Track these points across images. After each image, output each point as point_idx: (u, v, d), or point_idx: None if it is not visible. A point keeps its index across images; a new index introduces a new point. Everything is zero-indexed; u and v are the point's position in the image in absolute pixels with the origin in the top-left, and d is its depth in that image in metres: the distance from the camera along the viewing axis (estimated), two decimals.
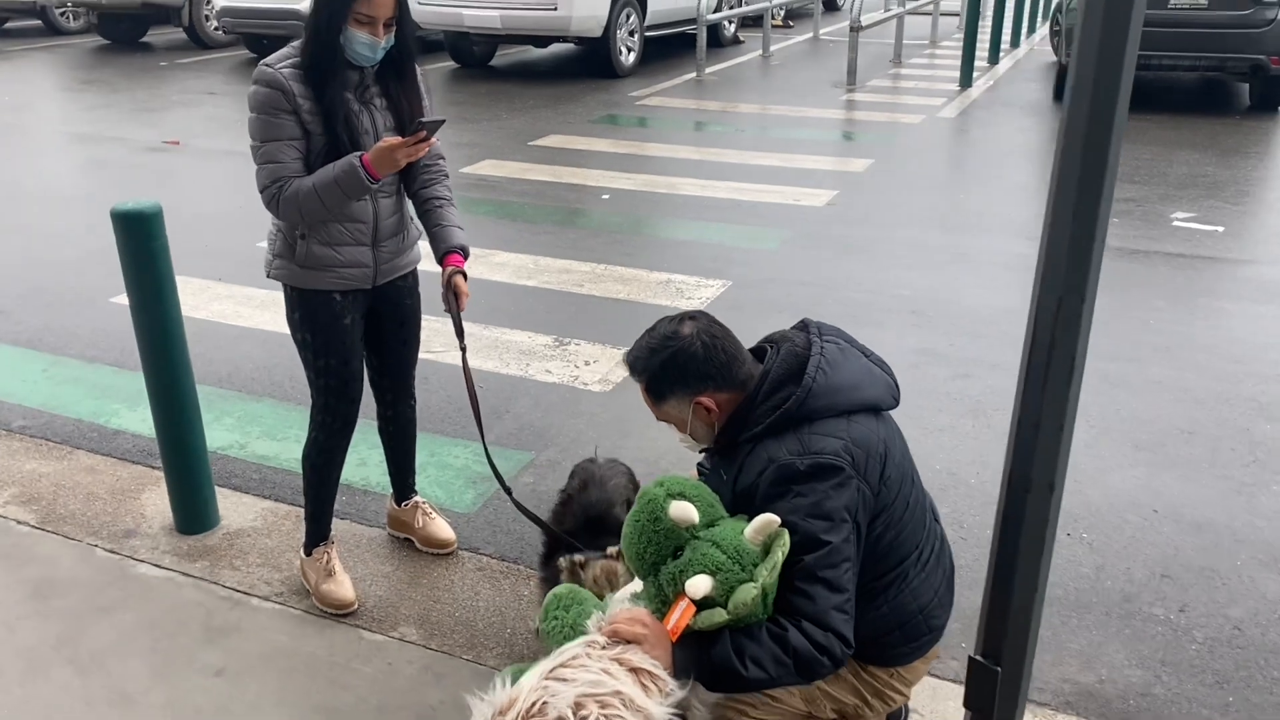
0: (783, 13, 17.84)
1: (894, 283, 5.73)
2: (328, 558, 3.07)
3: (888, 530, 2.09)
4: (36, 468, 3.79)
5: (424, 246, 3.00)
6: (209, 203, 7.20)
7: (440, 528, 3.32)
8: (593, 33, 11.93)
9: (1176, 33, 9.79)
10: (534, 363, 4.70)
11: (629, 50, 12.65)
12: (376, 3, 2.51)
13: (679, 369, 2.11)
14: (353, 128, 2.62)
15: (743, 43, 15.75)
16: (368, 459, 3.81)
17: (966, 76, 12.07)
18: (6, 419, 4.19)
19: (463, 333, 2.88)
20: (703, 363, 2.10)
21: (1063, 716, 2.67)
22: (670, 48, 14.32)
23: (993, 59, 13.92)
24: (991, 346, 4.86)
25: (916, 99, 11.43)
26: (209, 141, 9.15)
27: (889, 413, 2.20)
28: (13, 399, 4.37)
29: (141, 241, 3.02)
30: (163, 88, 11.77)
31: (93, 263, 5.93)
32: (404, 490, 3.34)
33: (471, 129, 9.60)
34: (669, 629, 1.93)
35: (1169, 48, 9.90)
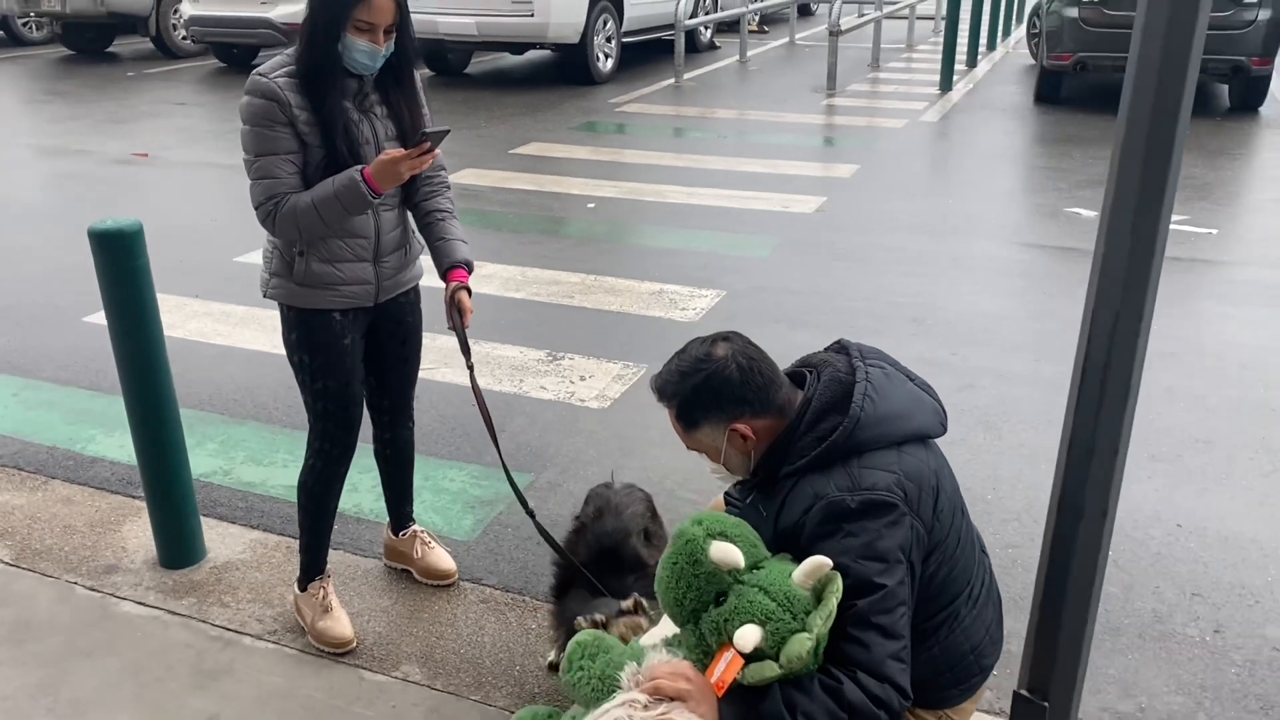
0: (757, 18, 17.76)
1: (889, 290, 5.62)
2: (324, 593, 2.91)
3: (940, 567, 1.96)
4: (9, 499, 3.59)
5: (424, 261, 2.86)
6: (182, 216, 6.99)
7: (440, 558, 3.16)
8: (570, 39, 11.78)
9: None
10: (528, 379, 4.54)
11: (606, 56, 12.51)
12: (378, 9, 2.36)
13: (713, 393, 1.97)
14: (352, 138, 2.47)
15: (719, 48, 15.65)
16: (359, 484, 3.63)
17: (947, 80, 12.02)
18: None
19: (469, 350, 2.73)
20: (739, 386, 1.96)
21: None
22: (647, 54, 14.20)
23: (971, 62, 13.90)
24: (995, 355, 4.75)
25: (898, 103, 11.36)
26: (180, 153, 8.93)
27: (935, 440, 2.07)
28: None
29: (122, 261, 2.84)
30: (131, 99, 11.51)
31: (64, 280, 5.70)
32: (401, 519, 3.17)
33: (451, 137, 9.25)
34: (713, 682, 1.78)
35: None
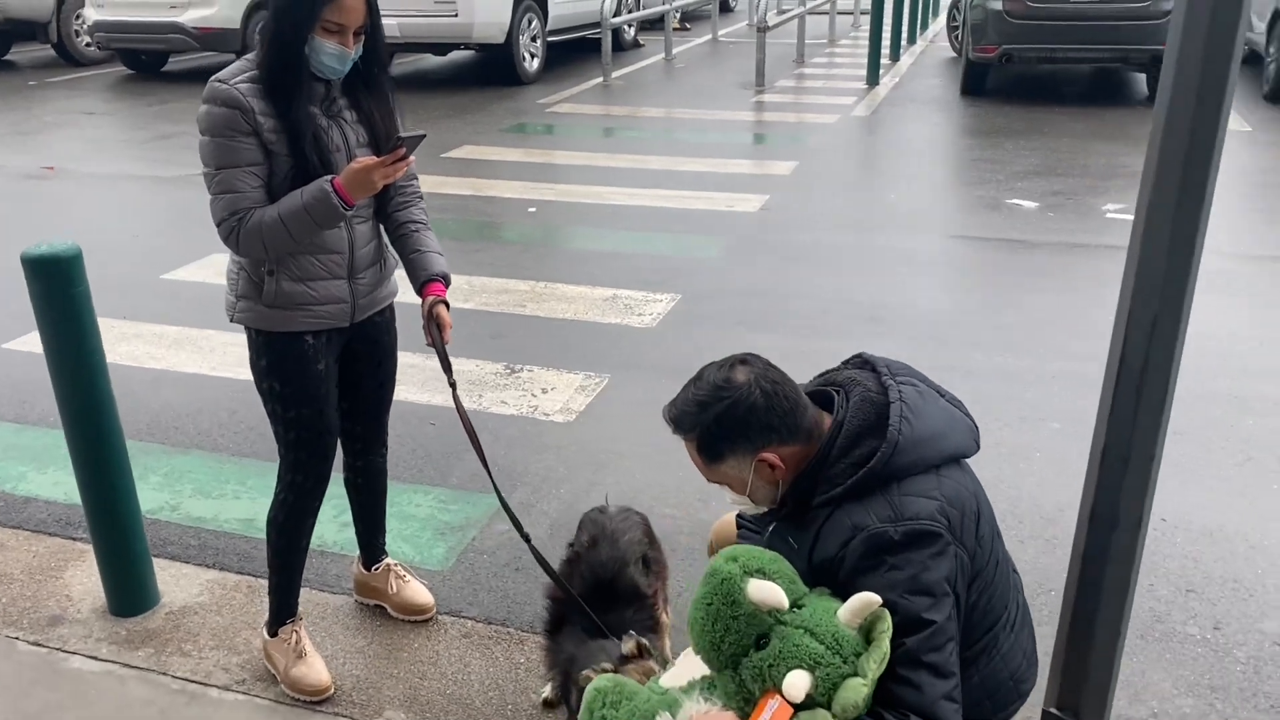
0: (678, 15, 17.70)
1: (844, 289, 5.56)
2: (297, 637, 2.71)
3: (981, 595, 1.86)
4: None
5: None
6: (100, 233, 6.62)
7: (417, 592, 2.98)
8: (495, 39, 11.56)
9: (1080, 26, 9.99)
10: (487, 393, 4.36)
11: (532, 56, 12.30)
12: (348, 9, 2.18)
13: (738, 422, 1.83)
14: (322, 146, 2.29)
15: (643, 46, 15.55)
16: (321, 514, 3.39)
17: (873, 74, 12.08)
18: None
19: (450, 367, 2.57)
20: (765, 413, 1.82)
21: None
22: (571, 53, 14.02)
23: (894, 55, 14.00)
24: (960, 352, 4.71)
25: (827, 98, 11.37)
26: (92, 166, 8.50)
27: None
28: None
29: (60, 288, 2.61)
30: (34, 109, 10.96)
31: None
32: (374, 552, 2.98)
33: None
34: None
35: (1074, 41, 10.10)
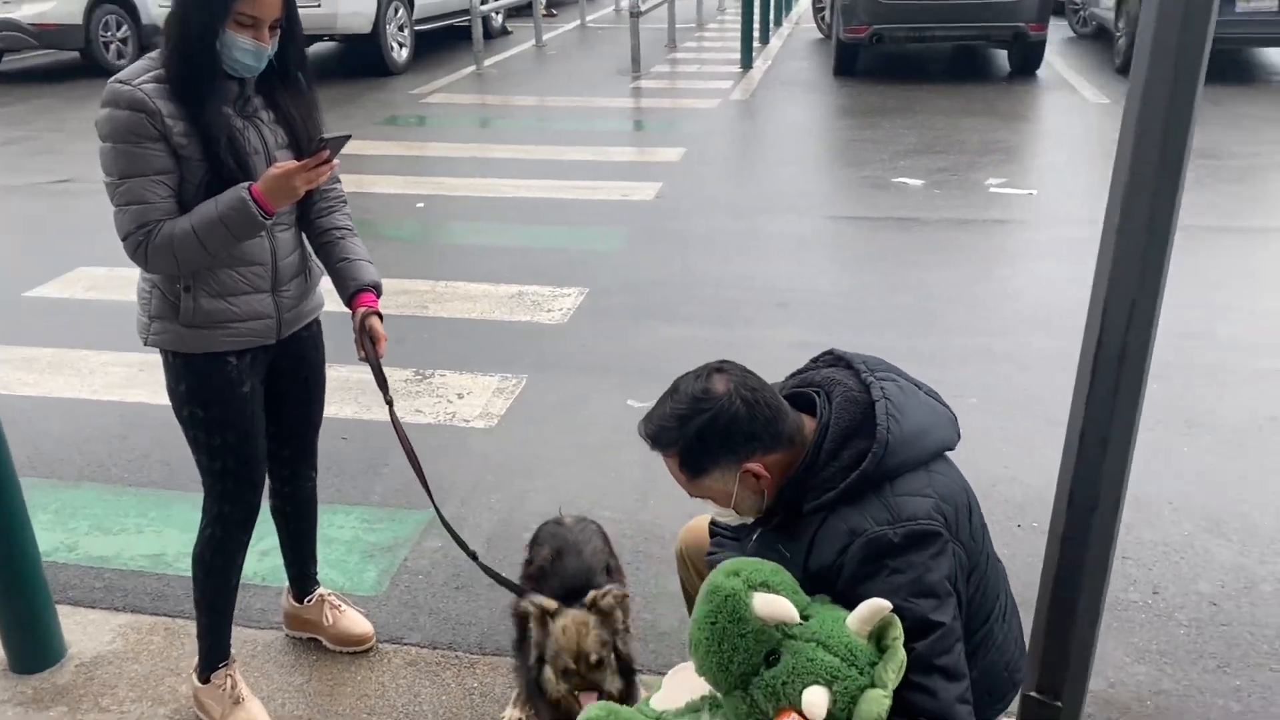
0: (545, 1, 17.49)
1: (747, 275, 5.54)
2: (232, 681, 2.51)
3: (977, 589, 1.83)
4: None
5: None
6: None
7: (355, 621, 2.81)
8: (361, 29, 11.18)
9: (947, 5, 10.25)
10: (399, 402, 4.10)
11: (401, 46, 11.94)
12: (263, 2, 2.00)
13: (720, 434, 1.75)
14: (238, 149, 2.11)
15: (511, 33, 15.29)
16: None
17: (747, 58, 12.14)
18: None
19: (385, 382, 2.42)
20: (748, 422, 1.75)
21: None
22: (439, 41, 13.67)
23: (764, 39, 14.12)
24: (868, 333, 4.73)
25: (703, 83, 11.37)
26: None
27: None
28: None
29: None
30: None
31: None
32: (306, 583, 2.80)
33: None
34: None
35: (941, 20, 10.35)
